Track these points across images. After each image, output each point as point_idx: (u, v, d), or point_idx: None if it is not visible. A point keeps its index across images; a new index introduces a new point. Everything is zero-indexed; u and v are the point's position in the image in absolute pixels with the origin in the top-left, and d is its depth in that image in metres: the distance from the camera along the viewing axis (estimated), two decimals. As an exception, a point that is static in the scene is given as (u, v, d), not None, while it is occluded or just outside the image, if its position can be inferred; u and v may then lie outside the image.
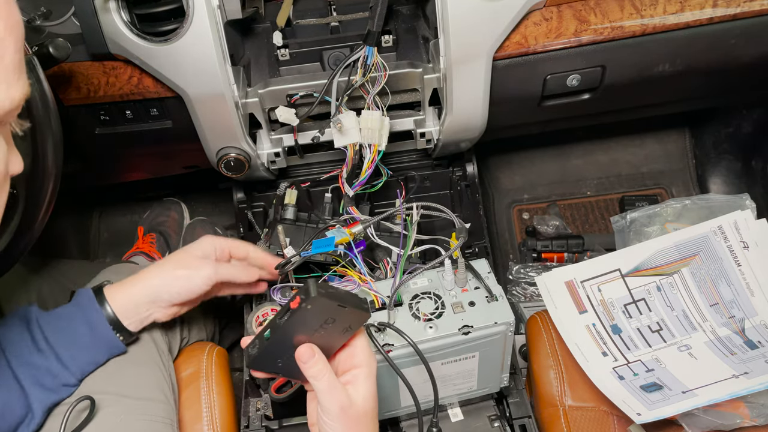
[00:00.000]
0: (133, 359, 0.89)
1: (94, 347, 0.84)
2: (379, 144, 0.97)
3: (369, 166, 0.97)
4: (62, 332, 0.82)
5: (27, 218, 0.88)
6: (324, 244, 0.91)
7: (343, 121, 0.95)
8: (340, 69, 0.97)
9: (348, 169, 1.00)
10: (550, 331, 1.06)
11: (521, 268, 1.64)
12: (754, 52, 1.11)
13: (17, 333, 0.82)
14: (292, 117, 1.02)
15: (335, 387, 0.69)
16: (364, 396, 0.70)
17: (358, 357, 0.72)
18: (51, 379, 0.80)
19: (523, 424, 1.07)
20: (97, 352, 0.85)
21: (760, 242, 1.04)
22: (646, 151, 1.86)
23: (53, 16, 1.02)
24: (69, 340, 0.82)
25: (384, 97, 1.01)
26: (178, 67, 0.98)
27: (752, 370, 0.94)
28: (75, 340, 0.83)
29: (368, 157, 0.97)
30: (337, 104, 0.97)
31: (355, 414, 0.69)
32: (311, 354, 0.69)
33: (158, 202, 1.79)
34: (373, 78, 0.98)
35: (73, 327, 0.83)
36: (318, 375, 0.69)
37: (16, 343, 0.81)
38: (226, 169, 1.11)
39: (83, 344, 0.83)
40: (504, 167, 1.87)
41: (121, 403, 0.84)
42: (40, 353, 0.80)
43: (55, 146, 0.87)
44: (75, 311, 0.85)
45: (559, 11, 1.02)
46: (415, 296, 0.95)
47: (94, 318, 0.84)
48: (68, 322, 0.84)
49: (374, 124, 0.95)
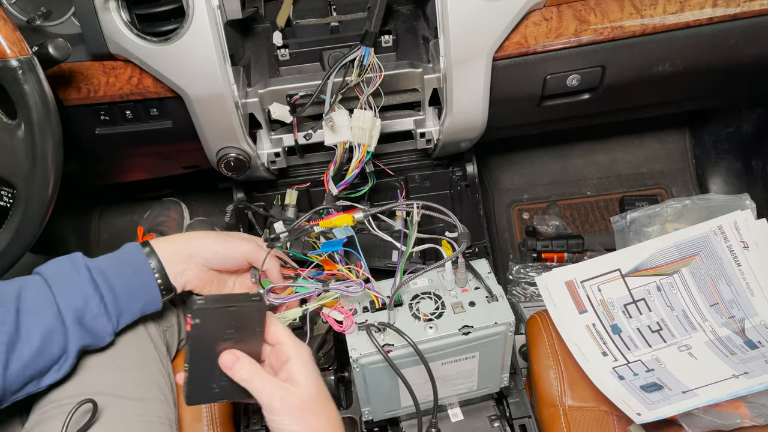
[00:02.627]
0: (131, 359, 0.89)
1: (134, 295, 0.84)
2: (369, 144, 0.97)
3: (356, 165, 0.96)
4: (110, 273, 0.83)
5: (27, 218, 0.88)
6: (332, 245, 0.92)
7: (335, 118, 0.95)
8: (336, 68, 0.98)
9: (335, 167, 0.99)
10: (550, 331, 1.06)
11: (521, 268, 1.64)
12: (754, 52, 1.11)
13: (63, 269, 0.81)
14: (285, 114, 1.02)
15: (268, 382, 0.70)
16: (305, 382, 0.71)
17: (284, 351, 0.73)
18: (91, 318, 0.80)
19: (523, 424, 1.07)
20: (135, 300, 0.85)
21: (760, 242, 1.04)
22: (646, 151, 1.86)
23: (53, 16, 1.02)
24: (114, 285, 0.82)
25: (378, 98, 1.01)
26: (178, 67, 0.98)
27: (752, 370, 0.94)
28: (120, 287, 0.82)
29: (356, 156, 0.96)
30: (331, 102, 0.97)
31: (299, 402, 0.70)
32: (234, 358, 0.70)
33: (158, 202, 1.80)
34: (369, 78, 0.98)
35: (121, 269, 0.83)
36: (248, 377, 0.69)
37: (60, 277, 0.80)
38: (226, 169, 1.11)
39: (126, 289, 0.83)
40: (504, 167, 1.87)
41: (120, 404, 0.84)
42: (82, 288, 0.80)
43: (55, 146, 0.87)
44: (123, 257, 0.85)
45: (559, 11, 1.02)
46: (416, 296, 0.95)
47: (141, 264, 0.84)
48: (118, 263, 0.84)
49: (366, 124, 0.95)
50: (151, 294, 0.85)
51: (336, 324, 0.89)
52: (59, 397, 0.83)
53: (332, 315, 0.89)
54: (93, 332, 0.81)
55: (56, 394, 0.83)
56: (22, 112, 0.84)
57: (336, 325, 0.90)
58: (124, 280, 0.83)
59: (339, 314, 0.89)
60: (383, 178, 1.30)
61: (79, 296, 0.79)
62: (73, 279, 0.80)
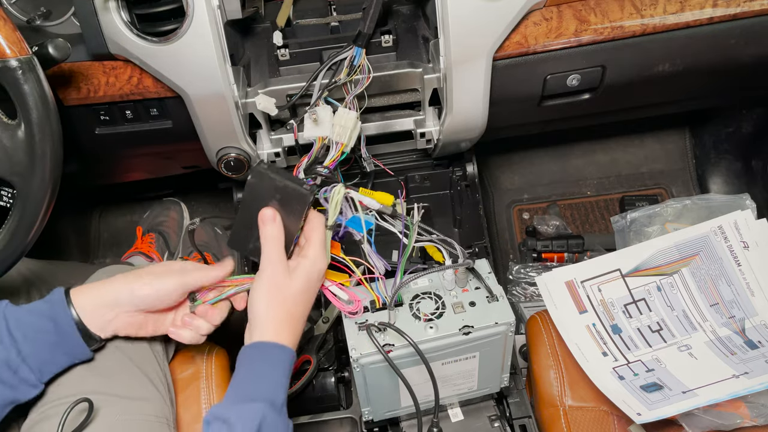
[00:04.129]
0: (127, 359, 0.88)
1: (57, 346, 0.81)
2: (346, 144, 0.96)
3: (330, 164, 0.96)
4: (27, 326, 0.80)
5: (26, 218, 0.88)
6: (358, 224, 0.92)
7: (318, 112, 0.95)
8: (326, 66, 0.98)
9: (308, 161, 0.98)
10: (550, 331, 1.06)
11: (521, 268, 1.64)
12: (754, 52, 1.11)
13: None
14: (271, 106, 1.02)
15: (277, 253, 0.81)
16: (298, 279, 0.82)
17: (306, 249, 0.84)
18: (10, 373, 0.78)
19: (523, 424, 1.07)
20: (59, 352, 0.82)
21: (760, 242, 1.04)
22: (646, 151, 1.86)
23: (53, 16, 1.02)
24: (32, 334, 0.79)
25: (362, 101, 1.01)
26: (178, 67, 0.98)
27: (752, 370, 0.94)
28: (38, 336, 0.80)
29: (332, 155, 0.96)
30: (317, 96, 0.97)
31: (281, 287, 0.80)
32: (272, 216, 0.82)
33: (158, 202, 1.79)
34: (357, 79, 0.97)
35: (39, 322, 0.80)
36: (269, 236, 0.81)
37: None
38: (226, 169, 1.11)
39: (46, 341, 0.80)
40: (504, 167, 1.87)
41: (117, 404, 0.84)
42: (1, 343, 0.78)
43: (55, 146, 0.87)
44: (44, 307, 0.82)
45: (559, 11, 1.02)
46: (416, 296, 0.95)
47: (60, 316, 0.81)
48: (36, 317, 0.81)
49: (348, 123, 0.95)
50: (76, 346, 0.82)
51: (337, 301, 0.89)
52: (56, 396, 0.83)
53: (334, 290, 0.89)
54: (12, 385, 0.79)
55: (53, 394, 0.83)
56: (22, 112, 0.84)
57: (337, 302, 0.89)
58: (43, 333, 0.80)
59: (343, 293, 0.90)
60: (383, 178, 1.30)
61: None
62: None
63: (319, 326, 1.27)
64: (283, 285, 0.82)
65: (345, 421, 1.20)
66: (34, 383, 0.81)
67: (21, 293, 1.12)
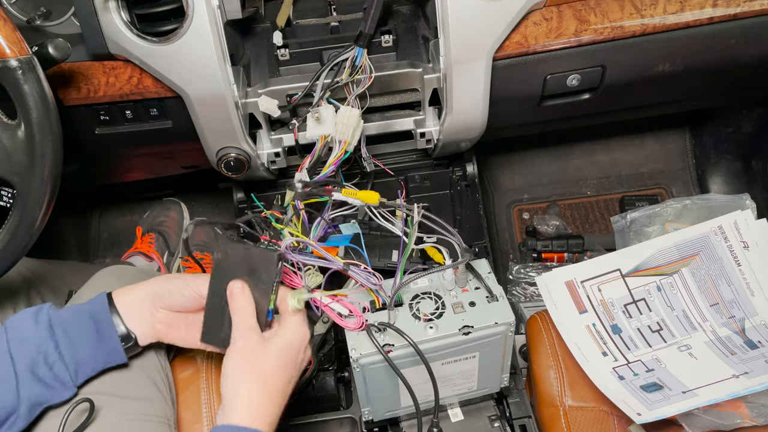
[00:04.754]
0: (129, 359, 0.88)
1: (95, 345, 0.81)
2: (350, 142, 0.96)
3: (334, 162, 0.95)
4: (67, 321, 0.80)
5: (26, 218, 0.88)
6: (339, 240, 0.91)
7: (321, 111, 0.95)
8: (329, 66, 0.98)
9: (312, 160, 0.98)
10: (550, 331, 1.06)
11: (521, 268, 1.64)
12: (754, 52, 1.11)
13: (24, 320, 0.79)
14: (273, 108, 1.02)
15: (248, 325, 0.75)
16: (273, 352, 0.76)
17: (284, 320, 0.79)
18: (46, 368, 0.78)
19: (523, 424, 1.07)
20: (97, 351, 0.82)
21: (760, 242, 1.04)
22: (646, 151, 1.86)
23: (53, 16, 1.02)
24: (71, 329, 0.80)
25: (364, 101, 1.01)
26: (178, 67, 0.98)
27: (752, 370, 0.94)
28: (77, 331, 0.80)
29: (335, 152, 0.96)
30: (320, 96, 0.97)
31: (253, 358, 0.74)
32: (241, 288, 0.77)
33: (158, 202, 1.79)
34: (359, 80, 0.98)
35: (78, 318, 0.81)
36: (238, 308, 0.76)
37: (20, 329, 0.78)
38: (226, 169, 1.11)
39: (85, 338, 0.81)
40: (504, 167, 1.87)
41: (118, 404, 0.84)
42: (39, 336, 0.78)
43: (54, 146, 0.87)
44: (86, 307, 0.83)
45: (559, 11, 1.02)
46: (416, 296, 0.95)
47: (101, 313, 0.82)
48: (76, 314, 0.82)
49: (351, 121, 0.95)
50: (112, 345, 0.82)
51: (338, 317, 0.88)
52: None
53: (334, 306, 0.87)
54: (47, 383, 0.78)
55: None
56: (22, 112, 0.84)
57: (338, 318, 0.88)
58: (83, 330, 0.80)
59: (343, 308, 0.88)
60: (383, 178, 1.30)
61: (33, 345, 0.77)
62: (31, 328, 0.78)
63: (319, 326, 1.27)
64: (256, 354, 0.75)
65: (345, 421, 1.20)
66: (68, 384, 0.80)
67: (21, 293, 1.12)
